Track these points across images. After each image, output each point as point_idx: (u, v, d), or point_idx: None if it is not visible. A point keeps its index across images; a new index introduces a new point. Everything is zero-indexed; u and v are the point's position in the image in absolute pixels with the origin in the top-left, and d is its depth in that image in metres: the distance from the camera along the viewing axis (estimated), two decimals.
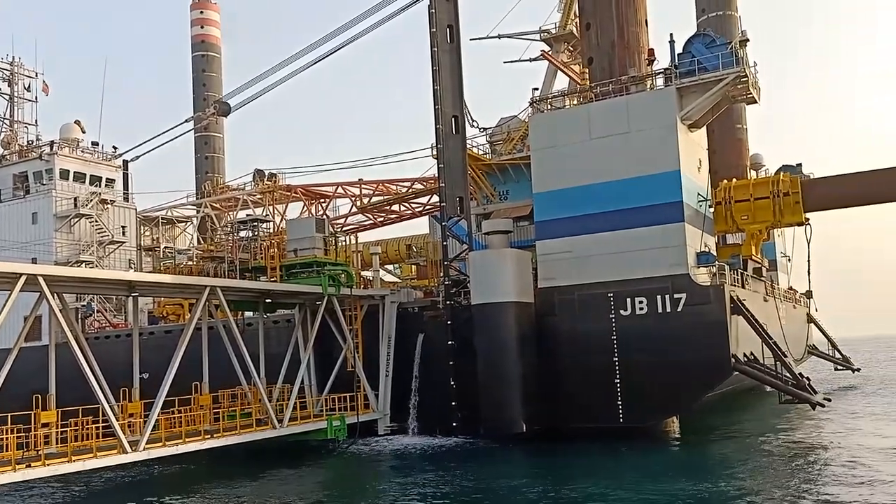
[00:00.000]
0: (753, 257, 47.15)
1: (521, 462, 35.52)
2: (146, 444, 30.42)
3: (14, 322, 32.54)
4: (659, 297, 37.50)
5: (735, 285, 39.90)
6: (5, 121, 65.10)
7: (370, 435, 41.78)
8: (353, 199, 61.24)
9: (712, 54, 39.85)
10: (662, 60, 42.28)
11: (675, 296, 37.23)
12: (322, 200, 62.76)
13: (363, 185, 60.65)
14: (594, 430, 37.77)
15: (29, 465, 26.78)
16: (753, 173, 67.17)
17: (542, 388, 39.02)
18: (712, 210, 43.12)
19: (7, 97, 65.50)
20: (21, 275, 28.36)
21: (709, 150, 44.63)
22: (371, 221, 62.48)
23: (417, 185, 58.41)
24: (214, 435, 33.82)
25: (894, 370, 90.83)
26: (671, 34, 41.02)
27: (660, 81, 41.50)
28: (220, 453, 34.52)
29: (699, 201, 40.82)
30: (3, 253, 54.68)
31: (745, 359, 37.64)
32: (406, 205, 60.67)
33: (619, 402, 37.63)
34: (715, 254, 40.98)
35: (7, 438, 27.69)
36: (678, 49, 40.58)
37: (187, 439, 32.33)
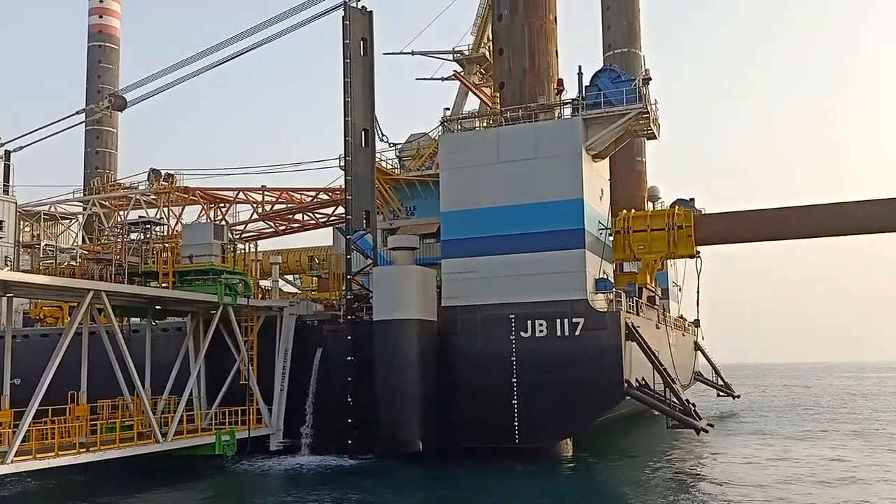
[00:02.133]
0: (648, 286, 48.84)
1: (415, 483, 35.11)
2: (14, 456, 28.08)
3: None
4: (558, 320, 38.19)
5: (630, 312, 41.16)
6: None
7: (261, 451, 40.28)
8: (255, 205, 59.52)
9: (617, 89, 41.27)
10: (571, 91, 43.49)
11: (574, 320, 38.02)
12: (221, 205, 60.63)
13: (266, 192, 59.07)
14: (490, 451, 37.90)
15: None
16: (650, 205, 70.01)
17: (440, 407, 38.83)
18: (611, 238, 44.47)
19: None
20: None
21: (610, 180, 46.10)
22: (272, 229, 60.87)
23: (323, 196, 57.45)
24: (91, 448, 31.62)
25: (768, 398, 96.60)
26: (580, 66, 42.26)
27: (567, 111, 42.52)
28: (96, 469, 32.30)
29: (600, 229, 42.00)
30: None
31: (638, 384, 38.80)
32: (310, 214, 59.52)
33: (516, 423, 37.93)
34: (613, 281, 42.22)
35: None
36: (586, 81, 41.80)
37: (60, 452, 30.08)
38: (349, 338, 40.74)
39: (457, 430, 38.79)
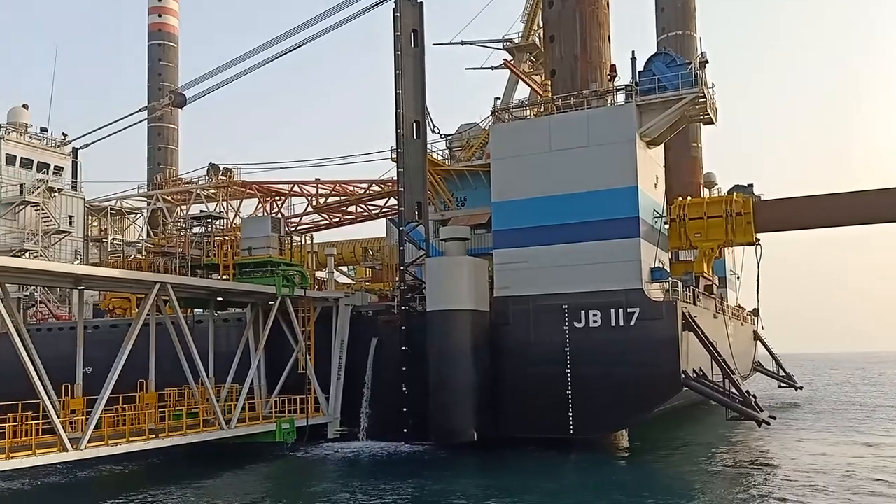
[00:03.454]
0: (705, 274, 48.02)
1: (471, 471, 35.43)
2: (88, 442, 29.47)
3: None
4: (612, 310, 37.84)
5: (687, 302, 40.51)
6: None
7: (319, 439, 41.25)
8: (310, 198, 60.61)
9: (672, 73, 40.46)
10: (624, 77, 42.91)
11: (629, 310, 37.61)
12: (277, 198, 61.94)
13: (320, 185, 60.08)
14: (544, 441, 37.98)
15: None
16: (706, 191, 68.66)
17: (493, 397, 39.07)
18: (667, 226, 43.80)
19: None
20: None
21: (665, 167, 45.38)
22: (326, 221, 61.92)
23: (375, 188, 58.12)
24: (159, 435, 32.97)
25: (833, 388, 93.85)
26: (633, 51, 41.52)
27: (620, 97, 41.89)
28: (163, 454, 33.63)
29: (655, 217, 41.42)
30: None
31: (695, 375, 38.26)
32: (363, 206, 60.30)
33: (570, 414, 37.87)
34: (668, 270, 41.64)
35: None
36: (639, 66, 41.11)
37: (131, 438, 31.45)
38: (403, 328, 41.29)
39: (510, 420, 38.95)
